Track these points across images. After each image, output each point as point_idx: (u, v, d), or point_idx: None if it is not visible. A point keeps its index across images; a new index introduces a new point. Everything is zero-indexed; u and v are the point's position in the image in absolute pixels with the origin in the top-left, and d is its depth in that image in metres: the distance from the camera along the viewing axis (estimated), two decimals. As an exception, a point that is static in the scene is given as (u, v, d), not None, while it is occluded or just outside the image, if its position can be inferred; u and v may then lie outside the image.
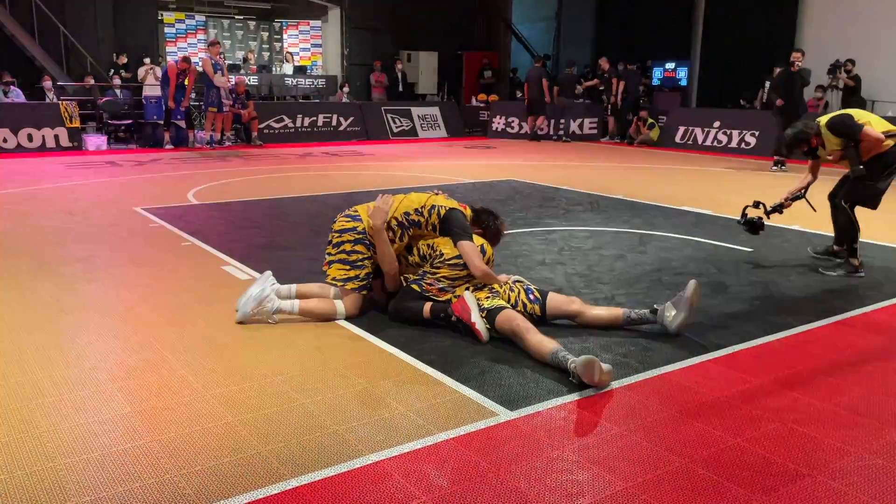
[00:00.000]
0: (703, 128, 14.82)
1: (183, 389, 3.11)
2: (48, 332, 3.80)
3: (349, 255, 4.01)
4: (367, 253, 4.03)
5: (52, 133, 12.58)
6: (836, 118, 5.06)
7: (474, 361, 3.47)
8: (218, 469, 2.48)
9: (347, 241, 4.01)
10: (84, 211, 7.16)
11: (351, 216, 4.08)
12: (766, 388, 3.23)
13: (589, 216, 7.25)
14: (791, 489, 2.42)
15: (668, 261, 5.47)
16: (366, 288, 4.07)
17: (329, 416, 2.88)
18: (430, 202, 4.10)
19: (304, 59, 20.45)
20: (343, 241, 4.02)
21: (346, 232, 4.03)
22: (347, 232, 4.02)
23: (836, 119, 5.05)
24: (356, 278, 4.01)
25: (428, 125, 16.70)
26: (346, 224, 4.05)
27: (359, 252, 4.01)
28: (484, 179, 9.86)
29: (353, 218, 4.06)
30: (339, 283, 4.02)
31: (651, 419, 2.91)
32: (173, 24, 19.21)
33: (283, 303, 4.00)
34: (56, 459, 2.52)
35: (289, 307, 3.99)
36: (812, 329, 4.03)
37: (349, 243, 4.01)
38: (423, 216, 4.06)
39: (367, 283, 4.06)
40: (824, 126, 5.06)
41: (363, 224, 4.02)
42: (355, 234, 4.01)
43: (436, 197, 4.17)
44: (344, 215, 4.12)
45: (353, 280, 4.01)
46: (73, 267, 5.08)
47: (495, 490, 2.39)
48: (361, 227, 4.01)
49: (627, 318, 3.88)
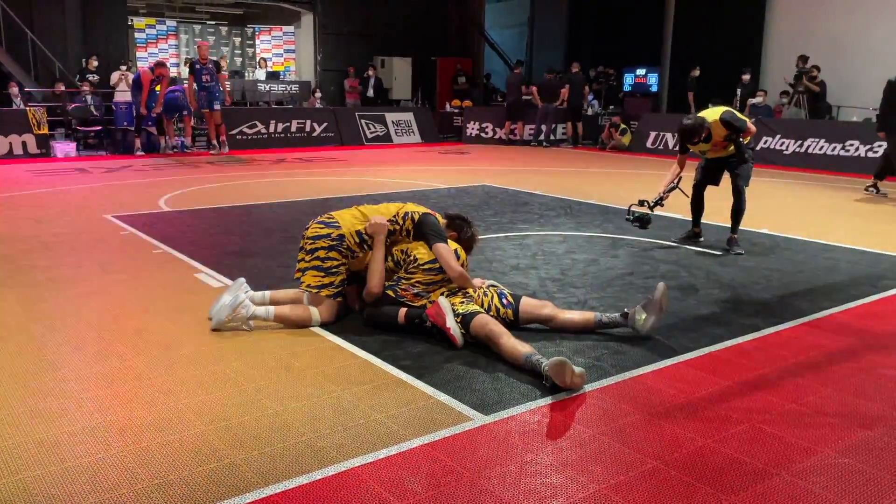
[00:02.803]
0: (673, 133, 15.00)
1: (155, 398, 3.09)
2: (16, 342, 3.74)
3: (323, 261, 3.99)
4: (342, 259, 4.03)
5: (20, 140, 12.36)
6: (727, 114, 5.84)
7: (449, 366, 3.49)
8: (192, 478, 2.46)
9: (321, 248, 4.00)
10: (52, 219, 7.05)
11: (325, 223, 4.07)
12: (735, 390, 3.29)
13: (562, 221, 7.30)
14: (759, 488, 2.47)
15: (640, 264, 5.54)
16: (340, 294, 4.06)
17: (303, 424, 2.87)
18: (403, 210, 4.13)
19: (276, 65, 20.34)
20: (317, 248, 4.00)
21: (320, 238, 4.01)
22: (322, 238, 4.00)
23: (727, 115, 5.83)
24: (331, 285, 4.00)
25: (402, 131, 16.71)
26: (321, 231, 4.03)
27: (333, 259, 4.00)
28: (458, 185, 9.90)
29: (328, 224, 4.04)
30: (314, 290, 4.01)
31: (623, 422, 2.95)
32: (144, 30, 19.01)
33: (258, 309, 3.97)
34: (26, 471, 2.48)
35: (264, 313, 3.97)
36: (779, 331, 4.10)
37: (323, 250, 3.99)
38: (398, 223, 4.07)
39: (341, 289, 4.05)
40: (716, 121, 5.80)
41: (338, 230, 4.01)
42: (329, 240, 3.99)
43: (407, 205, 4.20)
44: (317, 222, 4.10)
45: (328, 287, 4.00)
46: (42, 275, 5.00)
47: (470, 494, 2.40)
48: (336, 234, 4.00)
49: (599, 322, 3.92)
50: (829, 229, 6.46)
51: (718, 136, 5.85)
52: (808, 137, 12.99)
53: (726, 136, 5.84)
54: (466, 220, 4.32)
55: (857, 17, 14.83)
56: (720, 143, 5.90)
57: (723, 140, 5.87)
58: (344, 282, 4.06)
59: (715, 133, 5.84)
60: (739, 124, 5.80)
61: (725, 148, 5.96)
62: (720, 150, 6.01)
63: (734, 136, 5.84)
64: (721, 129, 5.81)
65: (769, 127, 13.55)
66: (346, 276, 4.08)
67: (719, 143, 5.90)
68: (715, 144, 5.93)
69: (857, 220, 7.85)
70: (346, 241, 3.99)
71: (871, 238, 6.65)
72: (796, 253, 6.03)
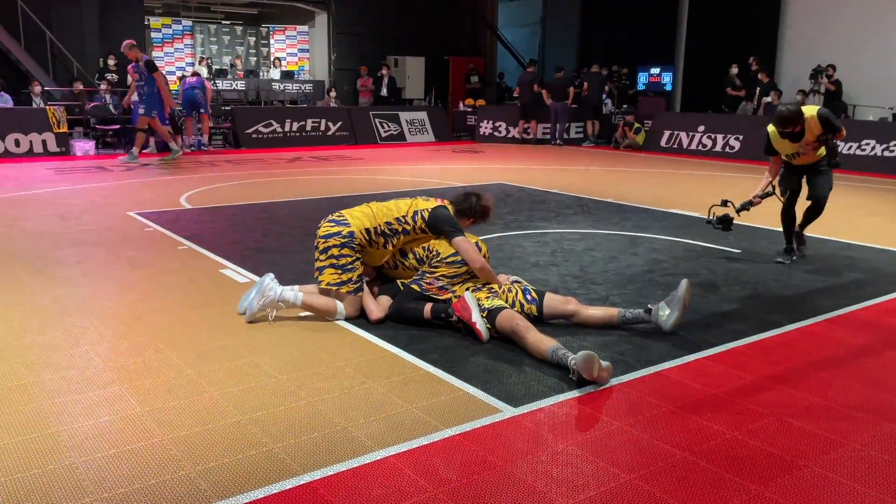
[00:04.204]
0: (687, 132, 15.02)
1: (191, 389, 3.16)
2: (52, 334, 3.82)
3: (338, 259, 4.07)
4: (356, 255, 4.10)
5: (40, 138, 12.50)
6: (826, 111, 5.33)
7: (476, 360, 3.54)
8: (232, 465, 2.53)
9: (334, 246, 4.07)
10: (77, 216, 7.15)
11: (335, 220, 4.13)
12: (760, 384, 3.33)
13: (579, 219, 7.34)
14: (787, 479, 2.51)
15: (660, 262, 5.58)
16: (361, 289, 4.13)
17: (336, 414, 2.94)
18: (412, 209, 4.15)
19: (291, 65, 20.46)
20: (329, 247, 4.08)
21: (331, 237, 4.08)
22: (333, 237, 4.08)
23: (825, 112, 5.31)
24: (349, 281, 4.08)
25: (416, 130, 16.77)
26: (331, 229, 4.10)
27: (346, 256, 4.08)
28: (473, 183, 9.94)
29: (338, 222, 4.11)
30: (334, 289, 4.09)
31: (650, 414, 3.00)
32: (160, 30, 19.17)
33: (286, 292, 4.09)
34: (71, 458, 2.56)
35: (292, 297, 4.08)
36: (802, 327, 4.13)
37: (336, 248, 4.07)
38: (409, 223, 4.11)
39: (360, 284, 4.12)
40: (813, 116, 5.26)
41: (348, 228, 4.07)
42: (340, 238, 4.07)
43: (416, 201, 4.22)
44: (328, 220, 4.17)
45: (347, 283, 4.08)
46: (72, 270, 5.10)
47: (503, 482, 2.46)
48: (347, 231, 4.07)
49: (623, 318, 3.96)
50: (848, 227, 6.47)
51: (812, 134, 5.30)
52: (823, 137, 12.95)
53: (819, 135, 5.30)
54: (471, 194, 4.31)
55: (874, 16, 14.77)
56: (811, 143, 5.35)
57: (815, 140, 5.33)
58: (361, 276, 4.13)
59: (808, 130, 5.28)
60: (837, 124, 5.30)
61: (815, 150, 5.44)
62: (809, 154, 5.47)
63: (828, 136, 5.32)
64: (817, 126, 5.26)
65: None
66: (363, 269, 4.15)
67: (810, 143, 5.35)
68: (806, 144, 5.37)
69: (877, 218, 7.85)
70: (356, 238, 4.07)
71: (891, 237, 6.66)
72: (816, 251, 6.05)
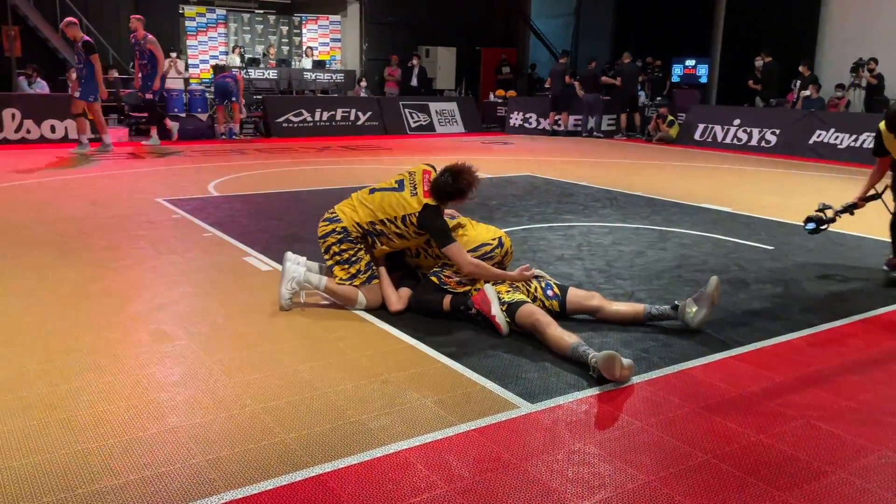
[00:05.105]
0: (722, 125, 14.71)
1: (207, 377, 3.15)
2: (73, 319, 3.85)
3: (341, 255, 4.07)
4: (357, 246, 4.08)
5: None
6: None
7: (494, 354, 3.48)
8: (244, 455, 2.51)
9: (333, 244, 4.07)
10: (106, 201, 7.23)
11: (329, 219, 4.13)
12: (789, 386, 3.21)
13: (608, 212, 7.22)
14: (814, 486, 2.41)
15: (688, 257, 5.45)
16: (374, 276, 4.11)
17: (351, 406, 2.90)
18: (401, 212, 3.93)
19: (323, 54, 20.48)
20: (329, 245, 4.09)
21: (328, 236, 4.09)
22: (329, 235, 4.08)
23: None
24: (358, 273, 4.07)
25: (445, 120, 16.69)
26: (327, 228, 4.10)
27: (347, 250, 4.07)
28: (501, 174, 9.85)
29: (331, 220, 4.11)
30: (347, 283, 4.08)
31: (673, 414, 2.91)
32: (194, 18, 19.31)
33: (311, 275, 4.10)
34: (84, 443, 2.56)
35: (316, 281, 4.10)
36: (834, 327, 4.00)
37: (335, 245, 4.07)
38: (399, 227, 3.96)
39: (370, 272, 4.09)
40: None
41: (341, 223, 4.05)
42: (336, 234, 4.06)
43: (402, 196, 3.96)
44: (323, 220, 4.17)
45: (357, 276, 4.07)
46: (98, 255, 5.14)
47: (517, 480, 2.40)
48: (340, 227, 4.06)
49: (648, 314, 3.87)
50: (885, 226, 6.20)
51: None
52: (863, 132, 12.59)
53: None
54: (446, 171, 3.96)
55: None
56: None
57: None
58: (370, 263, 4.10)
59: None
60: None
61: None
62: None
63: None
64: None
65: (822, 121, 13.19)
66: (370, 257, 4.12)
67: None
68: None
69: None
70: (350, 232, 4.05)
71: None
72: (851, 249, 5.87)
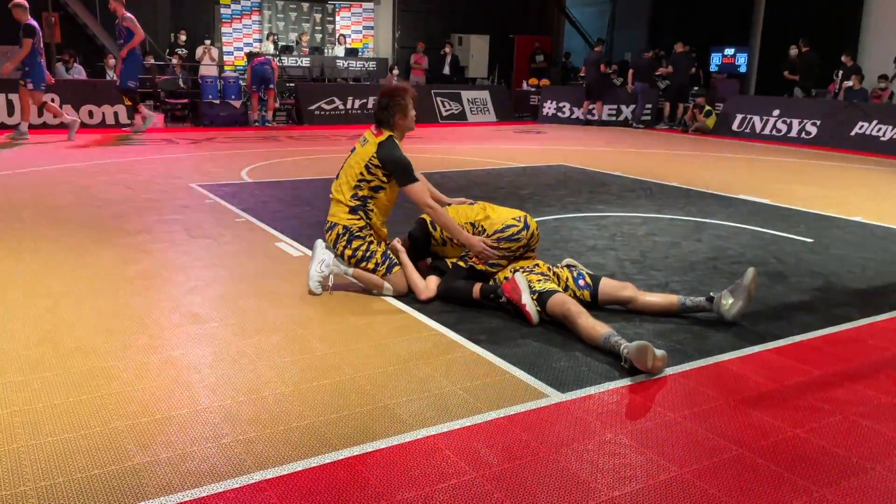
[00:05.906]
0: (761, 116, 14.41)
1: (239, 359, 3.17)
2: (109, 299, 3.90)
3: (355, 255, 4.08)
4: (368, 239, 4.09)
5: (112, 110, 12.89)
6: None
7: (524, 343, 3.45)
8: (273, 437, 2.52)
9: (344, 248, 4.09)
10: (142, 185, 7.32)
11: (328, 228, 4.16)
12: (827, 380, 3.13)
13: (642, 202, 7.12)
14: (854, 482, 2.34)
15: (724, 249, 5.35)
16: (395, 264, 4.11)
17: (380, 391, 2.90)
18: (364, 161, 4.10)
19: (355, 42, 20.48)
20: (342, 250, 4.11)
21: (336, 243, 4.11)
22: (337, 242, 4.11)
23: None
24: (377, 266, 4.07)
25: (478, 109, 16.61)
26: (331, 236, 4.13)
27: (358, 248, 4.07)
28: (534, 164, 9.77)
29: (330, 228, 4.14)
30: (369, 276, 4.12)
31: (707, 406, 2.85)
32: (229, 6, 19.44)
33: (339, 260, 4.14)
34: (118, 420, 2.59)
35: (344, 266, 4.15)
36: (875, 322, 3.89)
37: (346, 248, 4.09)
38: (368, 178, 4.06)
39: (388, 261, 4.09)
40: None
41: (340, 224, 4.08)
42: (341, 238, 4.09)
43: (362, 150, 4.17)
44: (325, 231, 4.19)
45: (377, 269, 4.08)
46: (134, 238, 5.21)
47: (546, 469, 2.37)
48: (341, 228, 4.08)
49: (683, 306, 3.80)
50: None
51: None
52: (907, 123, 12.26)
53: None
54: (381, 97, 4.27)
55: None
56: None
57: None
58: (386, 254, 4.10)
59: None
60: None
61: None
62: None
63: None
64: None
65: (865, 112, 12.84)
66: (384, 246, 4.13)
67: None
68: None
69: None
70: (350, 227, 4.06)
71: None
72: (892, 243, 5.71)
